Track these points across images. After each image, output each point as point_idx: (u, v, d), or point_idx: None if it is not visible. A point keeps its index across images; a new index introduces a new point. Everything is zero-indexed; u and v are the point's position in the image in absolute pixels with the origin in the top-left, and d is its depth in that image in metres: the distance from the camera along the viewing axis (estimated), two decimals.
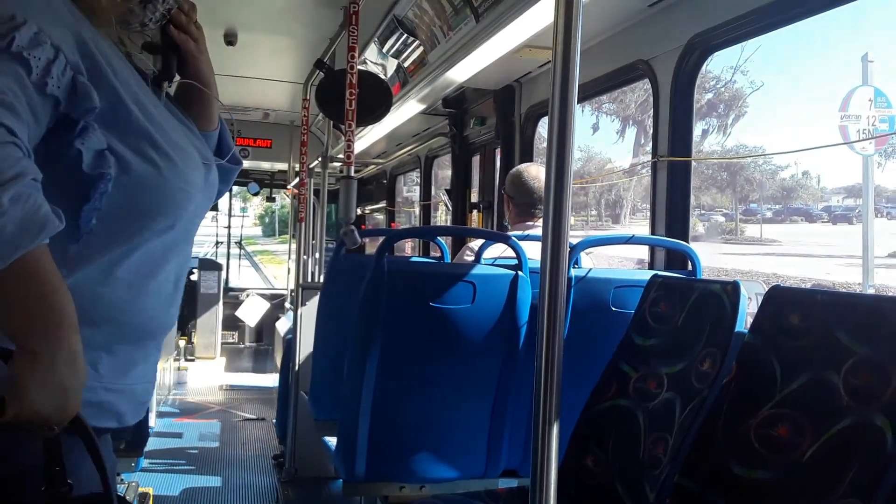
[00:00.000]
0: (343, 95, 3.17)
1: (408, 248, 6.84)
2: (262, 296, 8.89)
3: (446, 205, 5.15)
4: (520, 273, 2.32)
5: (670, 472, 1.79)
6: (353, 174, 2.94)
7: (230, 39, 4.28)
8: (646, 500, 1.87)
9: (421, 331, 2.30)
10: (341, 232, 2.87)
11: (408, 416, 2.35)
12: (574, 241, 2.39)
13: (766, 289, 1.86)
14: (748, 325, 1.82)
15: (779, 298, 1.74)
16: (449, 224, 5.36)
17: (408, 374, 2.32)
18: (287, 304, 7.64)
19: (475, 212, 4.79)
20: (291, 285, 7.34)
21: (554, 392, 1.18)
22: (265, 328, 8.86)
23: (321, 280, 4.67)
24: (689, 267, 2.42)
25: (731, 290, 1.87)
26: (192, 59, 1.27)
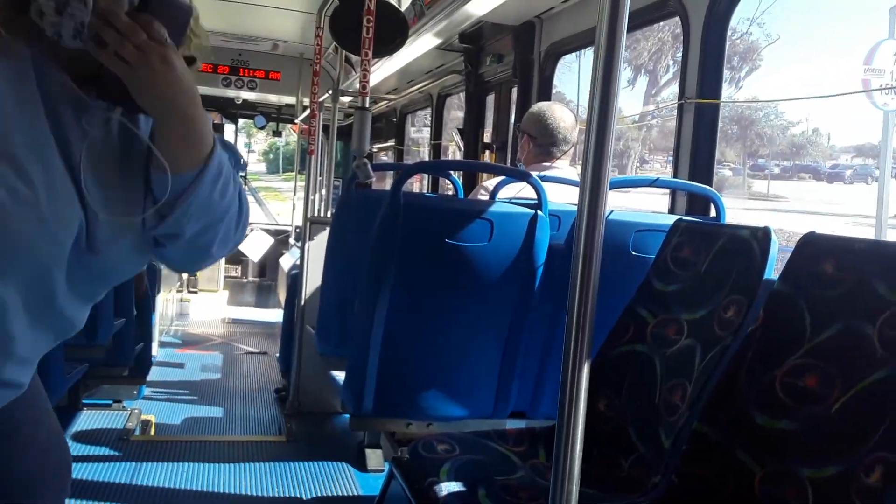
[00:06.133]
0: (359, 25, 3.07)
1: (415, 187, 6.76)
2: (267, 231, 8.84)
3: (458, 144, 5.05)
4: (539, 213, 2.25)
5: (688, 419, 1.75)
6: (367, 106, 2.85)
7: None
8: (660, 445, 1.84)
9: (435, 268, 2.24)
10: (354, 165, 2.80)
11: (418, 353, 2.31)
12: None
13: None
14: (777, 273, 1.76)
15: (813, 246, 1.67)
16: None
17: (419, 311, 2.27)
18: (291, 241, 7.59)
19: (487, 152, 4.69)
20: (297, 221, 7.29)
21: (586, 335, 1.14)
22: (269, 264, 8.84)
23: (328, 216, 4.62)
24: (713, 213, 2.35)
25: (761, 237, 1.81)
26: (134, 85, 0.96)
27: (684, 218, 2.18)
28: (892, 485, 1.27)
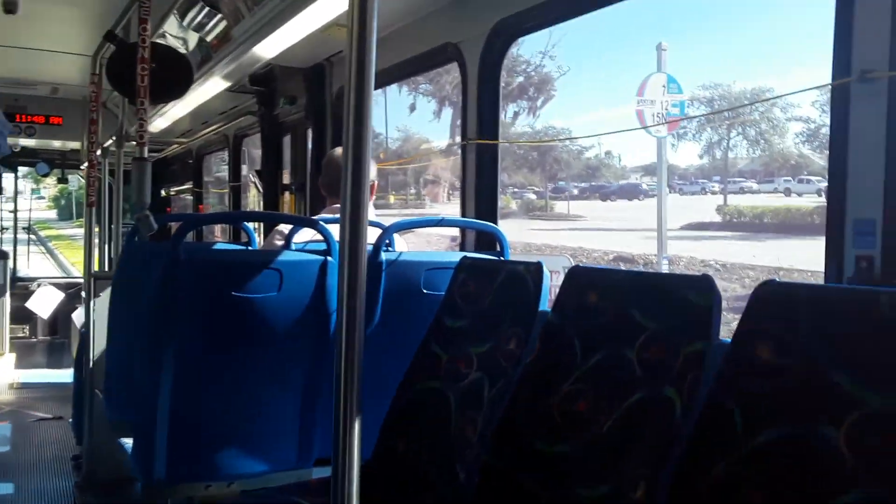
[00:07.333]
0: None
1: (217, 231, 6.54)
2: (56, 285, 8.16)
3: (257, 186, 4.95)
4: (329, 258, 2.25)
5: (480, 452, 1.80)
6: (146, 156, 2.73)
7: (9, 7, 3.87)
8: (457, 480, 1.87)
9: (222, 322, 2.17)
10: (135, 218, 2.67)
11: (211, 411, 2.21)
12: (389, 221, 2.36)
13: (572, 263, 1.91)
14: (552, 304, 1.86)
15: (578, 278, 1.78)
16: (261, 206, 5.16)
17: (209, 367, 2.18)
18: (84, 295, 7.07)
19: (287, 194, 4.64)
20: None
21: (355, 381, 1.14)
22: (61, 320, 8.16)
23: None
24: (498, 248, 2.45)
25: (534, 271, 1.91)
26: None
27: (469, 255, 2.26)
28: (653, 501, 1.37)
